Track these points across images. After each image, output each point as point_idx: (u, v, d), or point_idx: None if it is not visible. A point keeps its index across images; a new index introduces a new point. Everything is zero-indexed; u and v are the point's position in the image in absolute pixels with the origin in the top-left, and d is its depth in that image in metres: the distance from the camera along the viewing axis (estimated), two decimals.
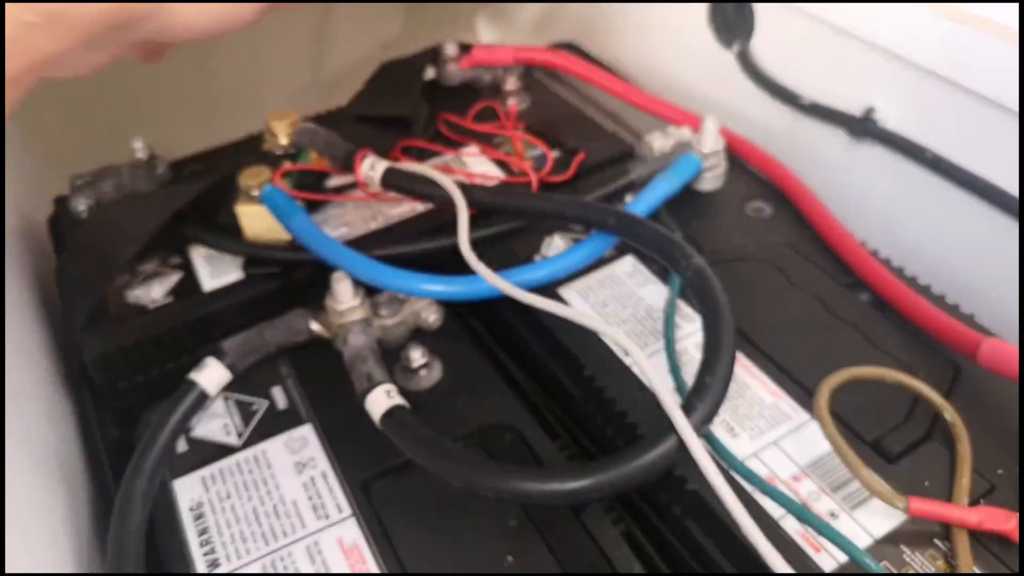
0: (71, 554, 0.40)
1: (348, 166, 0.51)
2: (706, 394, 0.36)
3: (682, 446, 0.35)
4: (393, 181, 0.49)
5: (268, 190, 0.49)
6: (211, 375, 0.42)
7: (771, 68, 0.68)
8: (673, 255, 0.42)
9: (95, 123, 0.86)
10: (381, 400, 0.39)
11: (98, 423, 0.48)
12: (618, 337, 0.37)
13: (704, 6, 0.72)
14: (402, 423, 0.38)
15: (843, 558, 0.36)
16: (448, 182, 0.48)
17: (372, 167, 0.49)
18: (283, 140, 0.55)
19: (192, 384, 0.42)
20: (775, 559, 0.32)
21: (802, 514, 0.35)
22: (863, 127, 0.61)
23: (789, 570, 0.32)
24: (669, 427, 0.35)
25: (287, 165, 0.53)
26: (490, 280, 0.42)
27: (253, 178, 0.50)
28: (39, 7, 0.31)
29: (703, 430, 0.35)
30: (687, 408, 0.35)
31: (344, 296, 0.44)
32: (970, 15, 0.51)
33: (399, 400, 0.39)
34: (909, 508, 0.35)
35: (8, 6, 0.30)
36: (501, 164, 0.60)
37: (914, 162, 0.58)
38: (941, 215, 0.58)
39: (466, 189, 0.48)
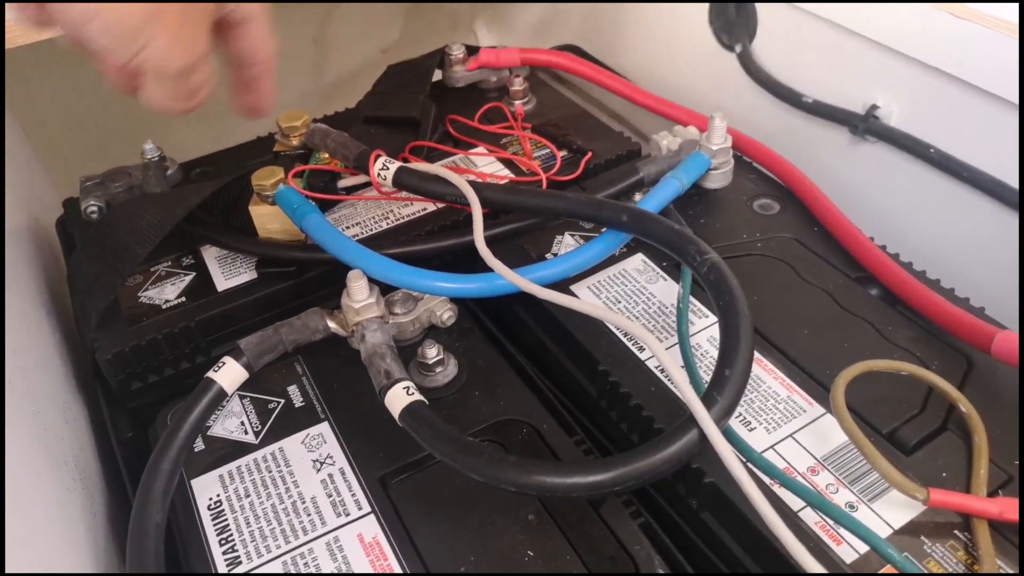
0: (89, 553, 0.40)
1: (360, 166, 0.51)
2: (726, 387, 0.36)
3: (703, 439, 0.35)
4: (406, 181, 0.49)
5: (282, 190, 0.49)
6: (228, 374, 0.42)
7: (772, 68, 0.69)
8: (688, 251, 0.42)
9: (97, 127, 0.86)
10: (401, 396, 0.39)
11: (112, 423, 0.48)
12: (639, 332, 0.37)
13: (704, 8, 0.72)
14: (422, 419, 0.39)
15: (862, 549, 0.36)
16: (461, 181, 0.48)
17: (385, 167, 0.49)
18: (295, 141, 0.55)
19: (210, 383, 0.42)
20: (799, 550, 0.32)
21: (823, 505, 0.36)
22: (866, 125, 0.61)
23: (813, 561, 0.32)
24: (689, 420, 0.35)
25: (299, 166, 0.53)
26: (509, 277, 0.42)
27: (267, 178, 0.50)
28: None
29: (724, 423, 0.35)
30: (707, 401, 0.35)
31: (360, 294, 0.44)
32: (973, 10, 0.52)
33: (418, 396, 0.40)
34: (929, 500, 0.35)
35: None
36: (509, 164, 0.61)
37: (917, 159, 0.59)
38: (944, 211, 0.59)
39: (479, 188, 0.48)
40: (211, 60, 0.38)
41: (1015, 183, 0.52)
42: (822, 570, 0.32)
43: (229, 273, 0.52)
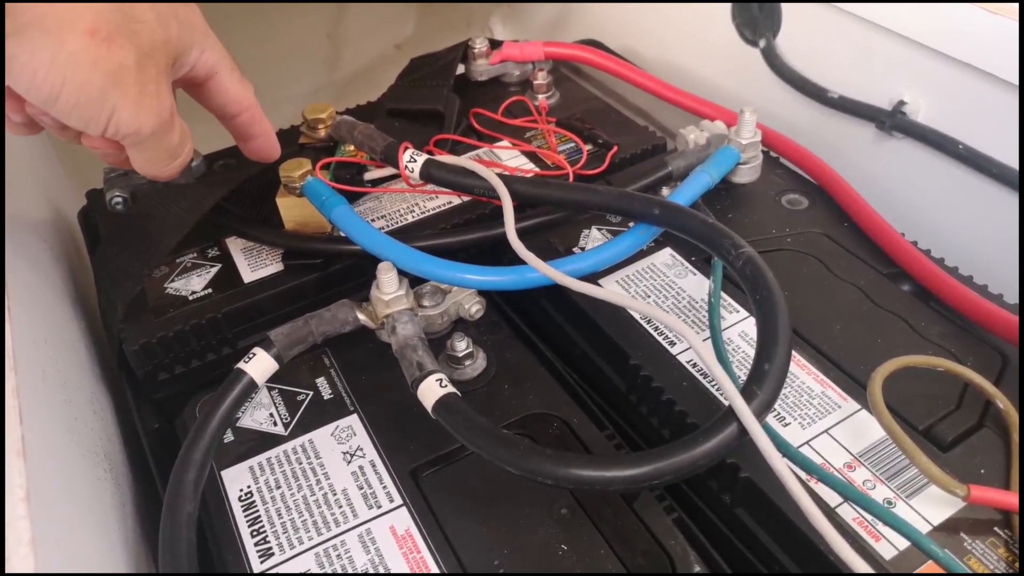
0: (120, 544, 0.40)
1: (388, 158, 0.50)
2: (765, 380, 0.36)
3: (743, 433, 0.35)
4: (433, 173, 0.49)
5: (311, 182, 0.49)
6: (259, 365, 0.42)
7: (797, 63, 0.68)
8: (723, 244, 0.42)
9: None
10: (434, 388, 0.39)
11: (138, 414, 0.48)
12: (681, 328, 0.37)
13: (726, 3, 0.72)
14: (456, 411, 0.38)
15: (902, 546, 0.36)
16: (490, 174, 0.48)
17: (412, 159, 0.49)
18: (321, 133, 0.54)
19: (241, 374, 0.41)
20: (842, 546, 0.32)
21: (863, 501, 0.35)
22: (893, 121, 0.61)
23: (856, 557, 0.32)
24: (728, 414, 0.35)
25: (325, 158, 0.53)
26: (544, 271, 0.41)
27: (294, 170, 0.49)
28: None
29: (764, 416, 0.35)
30: (747, 395, 0.35)
31: (390, 286, 0.44)
32: (1002, 5, 0.52)
33: (451, 389, 0.39)
34: (969, 496, 0.35)
35: None
36: (533, 158, 0.60)
37: (945, 155, 0.58)
38: (973, 208, 0.58)
39: (508, 181, 0.48)
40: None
41: None
42: (866, 566, 0.32)
43: (255, 265, 0.52)
